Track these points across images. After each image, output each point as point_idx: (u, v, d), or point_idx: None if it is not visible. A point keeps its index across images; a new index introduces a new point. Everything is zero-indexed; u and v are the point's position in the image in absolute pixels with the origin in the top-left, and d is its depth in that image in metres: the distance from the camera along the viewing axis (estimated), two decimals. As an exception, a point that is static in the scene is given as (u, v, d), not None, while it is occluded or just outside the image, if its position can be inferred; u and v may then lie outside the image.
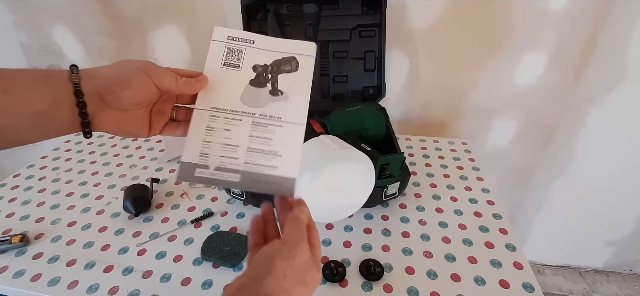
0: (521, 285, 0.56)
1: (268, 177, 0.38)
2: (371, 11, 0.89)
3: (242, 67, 0.41)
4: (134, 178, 0.83)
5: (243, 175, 0.38)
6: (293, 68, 0.42)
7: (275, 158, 0.39)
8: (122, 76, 0.35)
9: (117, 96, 0.35)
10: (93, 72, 0.35)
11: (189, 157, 0.38)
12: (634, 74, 0.91)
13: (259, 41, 0.42)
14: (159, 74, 0.37)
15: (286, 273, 0.31)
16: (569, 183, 1.14)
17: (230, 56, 0.42)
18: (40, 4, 1.06)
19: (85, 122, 0.34)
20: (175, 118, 0.42)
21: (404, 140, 0.98)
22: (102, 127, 0.36)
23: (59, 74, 0.33)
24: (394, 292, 0.55)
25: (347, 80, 0.94)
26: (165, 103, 0.41)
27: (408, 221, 0.69)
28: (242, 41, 0.42)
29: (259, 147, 0.39)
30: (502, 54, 0.95)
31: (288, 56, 0.42)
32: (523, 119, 1.05)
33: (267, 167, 0.38)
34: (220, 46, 0.42)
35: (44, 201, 0.76)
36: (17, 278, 0.59)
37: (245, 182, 0.38)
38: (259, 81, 0.41)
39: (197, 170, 0.38)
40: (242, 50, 0.42)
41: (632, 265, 1.35)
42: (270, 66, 0.41)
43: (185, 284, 0.57)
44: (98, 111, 0.35)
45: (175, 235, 0.67)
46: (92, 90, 0.34)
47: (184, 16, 1.03)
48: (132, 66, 0.36)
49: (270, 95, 0.41)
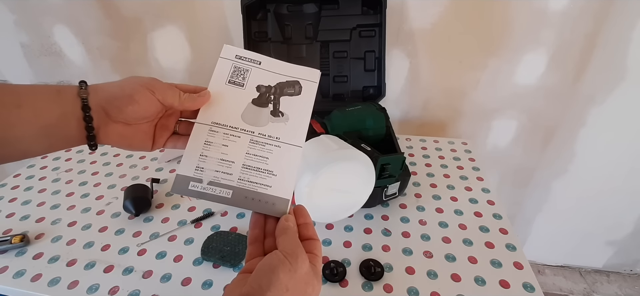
0: (521, 285, 0.56)
1: (260, 196, 0.38)
2: (371, 11, 0.89)
3: (247, 86, 0.42)
4: (134, 178, 0.83)
5: (235, 191, 0.38)
6: (296, 92, 0.42)
7: (269, 178, 0.38)
8: (126, 92, 0.36)
9: (121, 111, 0.36)
10: (100, 88, 0.36)
11: (184, 170, 0.38)
12: (634, 73, 0.91)
13: (265, 63, 0.43)
14: (163, 90, 0.38)
15: (289, 286, 0.31)
16: (569, 183, 1.14)
17: (236, 74, 0.42)
18: (40, 4, 1.06)
19: (91, 136, 0.36)
20: (177, 132, 0.43)
21: (404, 140, 0.98)
22: (107, 141, 0.37)
23: (68, 89, 0.35)
24: (394, 292, 0.55)
25: (347, 80, 0.94)
26: (169, 118, 0.42)
27: (408, 221, 0.69)
28: (249, 61, 0.43)
29: (255, 164, 0.39)
30: (502, 54, 0.95)
31: (292, 80, 0.43)
32: (523, 119, 1.05)
33: (261, 185, 0.38)
34: (227, 64, 0.43)
35: (44, 201, 0.76)
36: (17, 278, 0.59)
37: (237, 199, 0.37)
38: (261, 101, 0.42)
39: (191, 183, 0.38)
40: (248, 70, 0.43)
41: (632, 265, 1.35)
42: (274, 88, 0.42)
43: (186, 284, 0.57)
44: (103, 125, 0.36)
45: (175, 235, 0.67)
46: (98, 105, 0.35)
47: (184, 16, 1.03)
48: (137, 83, 0.37)
49: (271, 116, 0.41)
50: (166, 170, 0.86)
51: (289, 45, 0.93)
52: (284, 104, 0.42)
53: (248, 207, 0.38)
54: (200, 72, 1.11)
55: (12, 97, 0.32)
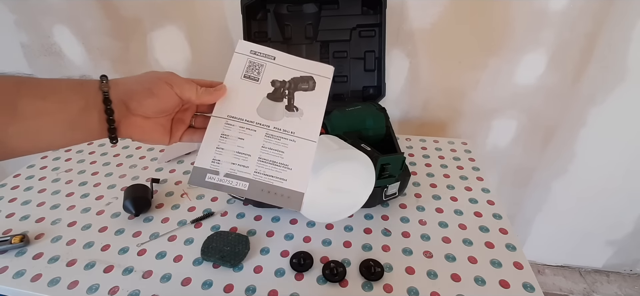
0: (521, 285, 0.56)
1: (276, 189, 0.39)
2: (371, 11, 0.89)
3: (261, 81, 0.43)
4: (134, 178, 0.83)
5: (252, 184, 0.39)
6: (310, 87, 0.43)
7: (285, 171, 0.39)
8: (145, 86, 0.38)
9: (141, 104, 0.37)
10: (120, 82, 0.38)
11: (201, 162, 0.39)
12: (634, 73, 0.91)
13: (279, 58, 0.44)
14: (180, 84, 0.39)
15: None
16: (569, 183, 1.14)
17: (251, 69, 0.43)
18: (40, 4, 1.06)
19: (111, 128, 0.37)
20: (193, 126, 0.44)
21: (404, 140, 0.98)
22: (126, 134, 0.38)
23: (90, 83, 0.36)
24: (394, 292, 0.55)
25: (347, 80, 0.94)
26: (185, 112, 0.43)
27: (408, 221, 0.69)
28: (264, 56, 0.44)
29: (271, 158, 0.40)
30: (502, 54, 0.95)
31: (306, 75, 0.43)
32: (523, 119, 1.05)
33: (277, 179, 0.39)
34: (242, 59, 0.43)
35: (44, 201, 0.76)
36: (17, 278, 0.59)
37: (253, 191, 0.39)
38: (276, 96, 0.42)
39: (208, 175, 0.39)
40: (263, 65, 0.43)
41: (632, 265, 1.35)
42: (289, 83, 0.43)
43: (185, 284, 0.57)
44: (123, 119, 0.37)
45: (175, 235, 0.67)
46: (118, 99, 0.37)
47: (184, 16, 1.03)
48: (156, 77, 0.39)
49: (286, 110, 0.42)
50: (166, 170, 0.86)
51: (288, 45, 0.93)
52: (298, 99, 0.42)
53: (264, 199, 0.39)
54: (200, 72, 1.11)
55: (38, 89, 0.33)
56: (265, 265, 0.60)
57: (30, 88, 0.33)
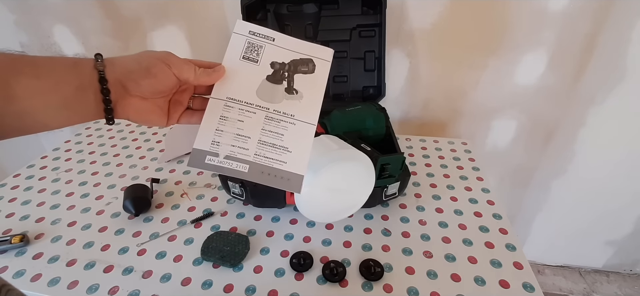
0: (521, 285, 0.56)
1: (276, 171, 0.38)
2: (371, 11, 0.89)
3: (260, 62, 0.42)
4: (134, 178, 0.83)
5: (252, 166, 0.38)
6: (309, 70, 0.43)
7: (285, 154, 0.39)
8: (143, 65, 0.37)
9: (138, 84, 0.37)
10: (116, 61, 0.37)
11: (200, 144, 0.39)
12: (634, 73, 0.91)
13: (279, 39, 0.43)
14: (178, 65, 0.38)
15: None
16: (569, 183, 1.14)
17: (250, 50, 0.42)
18: (40, 4, 1.06)
19: (108, 108, 0.36)
20: (191, 107, 0.43)
21: (404, 140, 0.98)
22: (123, 115, 0.38)
23: (85, 62, 0.35)
24: (394, 292, 0.55)
25: (347, 80, 0.94)
26: (183, 93, 0.42)
27: (408, 221, 0.69)
28: (263, 37, 0.43)
29: (270, 140, 0.39)
30: (502, 54, 0.95)
31: (306, 57, 0.43)
32: (523, 119, 1.05)
33: (276, 161, 0.39)
34: (241, 39, 0.43)
35: (44, 201, 0.76)
36: (17, 278, 0.59)
37: (253, 174, 0.38)
38: (275, 78, 0.42)
39: (208, 157, 0.38)
40: (262, 46, 0.43)
41: (632, 265, 1.35)
42: (288, 65, 0.42)
43: (185, 284, 0.57)
44: (120, 99, 0.37)
45: (175, 235, 0.67)
46: (115, 79, 0.36)
47: (184, 16, 1.03)
48: (153, 56, 0.38)
49: (285, 93, 0.41)
50: (166, 170, 0.86)
51: (288, 45, 0.93)
52: (298, 82, 0.42)
53: (263, 181, 0.38)
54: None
55: (31, 68, 0.32)
56: (265, 265, 0.60)
57: (23, 66, 0.32)
